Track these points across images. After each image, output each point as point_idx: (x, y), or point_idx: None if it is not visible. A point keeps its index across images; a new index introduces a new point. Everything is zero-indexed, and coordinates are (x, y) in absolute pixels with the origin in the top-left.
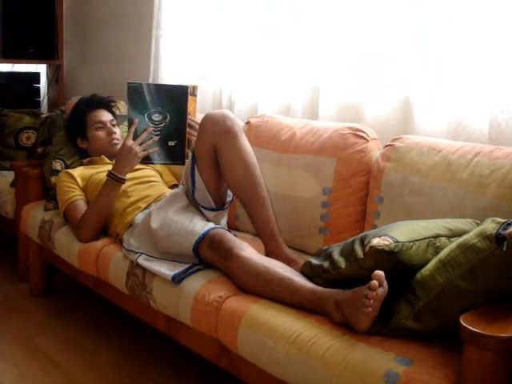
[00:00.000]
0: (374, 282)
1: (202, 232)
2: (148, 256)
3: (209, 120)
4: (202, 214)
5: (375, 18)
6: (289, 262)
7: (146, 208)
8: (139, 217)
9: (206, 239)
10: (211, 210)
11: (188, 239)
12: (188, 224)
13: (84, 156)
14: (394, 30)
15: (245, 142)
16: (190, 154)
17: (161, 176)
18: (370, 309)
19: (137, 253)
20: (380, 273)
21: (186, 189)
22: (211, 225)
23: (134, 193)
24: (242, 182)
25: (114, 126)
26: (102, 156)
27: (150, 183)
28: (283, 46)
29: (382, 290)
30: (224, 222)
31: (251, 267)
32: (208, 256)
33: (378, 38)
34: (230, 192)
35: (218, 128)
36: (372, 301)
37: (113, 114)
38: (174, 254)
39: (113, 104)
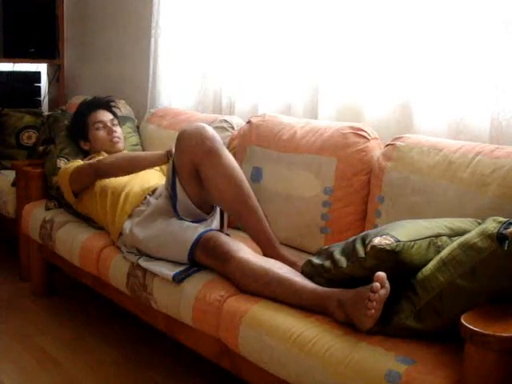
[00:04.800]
0: (376, 285)
1: (193, 240)
2: (148, 257)
3: (186, 141)
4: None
5: (375, 18)
6: (289, 265)
7: (132, 211)
8: (126, 225)
9: (200, 245)
10: (195, 222)
11: (181, 250)
12: (177, 232)
13: (87, 156)
14: (394, 29)
15: (228, 158)
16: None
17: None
18: (373, 311)
19: (137, 255)
20: (382, 274)
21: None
22: (201, 229)
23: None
24: (231, 199)
25: (114, 125)
26: (102, 152)
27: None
28: (284, 46)
29: (384, 292)
30: (216, 222)
31: (250, 269)
32: (204, 261)
33: (378, 38)
34: None
35: (197, 149)
36: (374, 303)
37: (113, 113)
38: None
39: (112, 104)
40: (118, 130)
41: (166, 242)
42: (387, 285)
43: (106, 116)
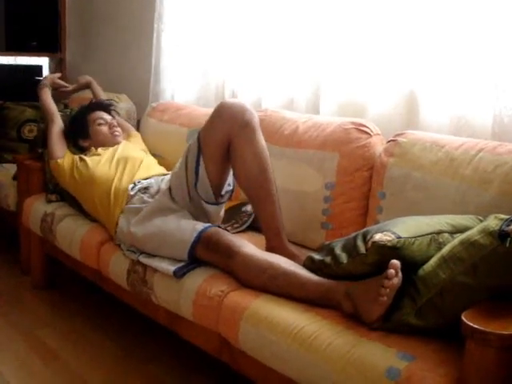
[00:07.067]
0: (391, 271)
1: (193, 238)
2: (148, 254)
3: (226, 111)
4: (192, 210)
5: (379, 13)
6: (291, 257)
7: (127, 203)
8: (122, 223)
9: (201, 242)
10: (213, 204)
11: (180, 249)
12: (175, 231)
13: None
14: (398, 24)
15: (261, 137)
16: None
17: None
18: (385, 298)
19: (136, 253)
20: (396, 262)
21: (174, 183)
22: (199, 226)
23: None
24: (255, 180)
25: (114, 124)
26: (98, 148)
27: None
28: (286, 41)
29: (397, 280)
30: (222, 211)
31: (254, 264)
32: (206, 257)
33: (381, 34)
34: (229, 181)
35: (236, 121)
36: (388, 290)
37: (112, 117)
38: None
39: (112, 108)
40: (119, 129)
41: (165, 242)
42: (400, 274)
43: (106, 115)
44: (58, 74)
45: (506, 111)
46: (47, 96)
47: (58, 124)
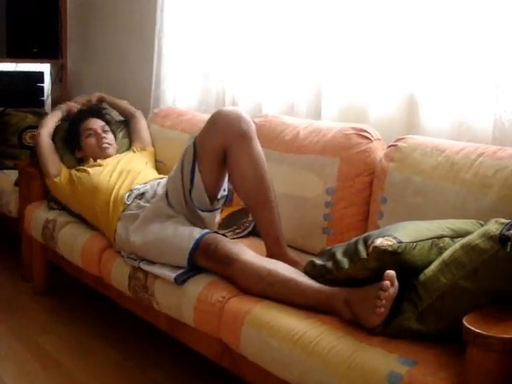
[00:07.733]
0: (387, 283)
1: (191, 246)
2: (149, 261)
3: (222, 120)
4: (188, 215)
5: (379, 17)
6: (292, 264)
7: (123, 211)
8: (120, 230)
9: (200, 249)
10: (207, 211)
11: (179, 256)
12: (173, 238)
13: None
14: (398, 28)
15: (257, 146)
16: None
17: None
18: (382, 309)
19: (136, 260)
20: (391, 273)
21: (171, 188)
22: (197, 233)
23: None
24: (253, 188)
25: (105, 131)
26: (91, 159)
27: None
28: (287, 46)
29: (394, 290)
30: (218, 217)
31: (253, 271)
32: (205, 264)
33: (382, 38)
34: (224, 187)
35: (232, 130)
36: (384, 301)
37: (105, 121)
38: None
39: (104, 112)
40: (109, 137)
41: (164, 250)
42: (396, 283)
43: (96, 123)
44: (78, 106)
45: (507, 115)
46: (54, 117)
47: (45, 139)
